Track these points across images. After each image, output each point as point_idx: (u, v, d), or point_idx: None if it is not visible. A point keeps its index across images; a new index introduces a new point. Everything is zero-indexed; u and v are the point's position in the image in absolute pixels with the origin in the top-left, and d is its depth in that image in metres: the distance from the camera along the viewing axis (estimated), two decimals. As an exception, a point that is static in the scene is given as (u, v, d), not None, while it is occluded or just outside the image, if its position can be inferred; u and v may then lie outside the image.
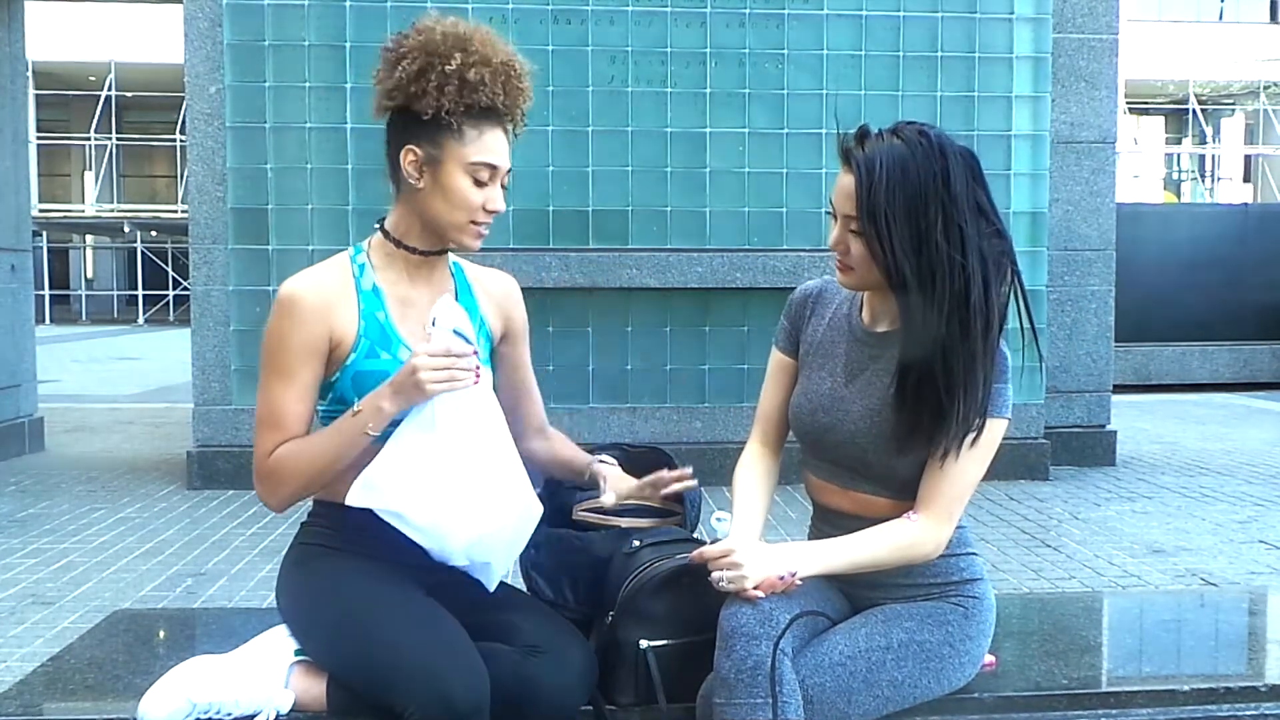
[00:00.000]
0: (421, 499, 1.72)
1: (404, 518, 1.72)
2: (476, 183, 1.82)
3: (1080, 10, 6.37)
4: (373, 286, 1.86)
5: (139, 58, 24.02)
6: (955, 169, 1.69)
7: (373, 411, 1.73)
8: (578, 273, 5.66)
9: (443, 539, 1.75)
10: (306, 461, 1.78)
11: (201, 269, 5.81)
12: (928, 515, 1.76)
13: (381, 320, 1.84)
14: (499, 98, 1.81)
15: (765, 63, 5.92)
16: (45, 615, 3.74)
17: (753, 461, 1.97)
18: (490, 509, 1.77)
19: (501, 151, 1.84)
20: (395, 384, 1.72)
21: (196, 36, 5.76)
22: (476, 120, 1.81)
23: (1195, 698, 1.89)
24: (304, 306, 1.79)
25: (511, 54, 1.85)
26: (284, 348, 1.79)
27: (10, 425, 6.90)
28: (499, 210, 1.85)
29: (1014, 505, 5.46)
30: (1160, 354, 11.27)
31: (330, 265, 1.88)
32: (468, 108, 1.79)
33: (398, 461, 1.72)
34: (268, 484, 1.82)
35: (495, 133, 1.83)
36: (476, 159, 1.81)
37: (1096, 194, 6.50)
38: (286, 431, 1.80)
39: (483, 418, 1.78)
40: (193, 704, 1.72)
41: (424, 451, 1.72)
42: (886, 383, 1.77)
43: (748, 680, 1.62)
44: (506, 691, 1.68)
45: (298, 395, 1.80)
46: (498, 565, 1.83)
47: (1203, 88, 26.76)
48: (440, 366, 1.69)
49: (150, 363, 15.63)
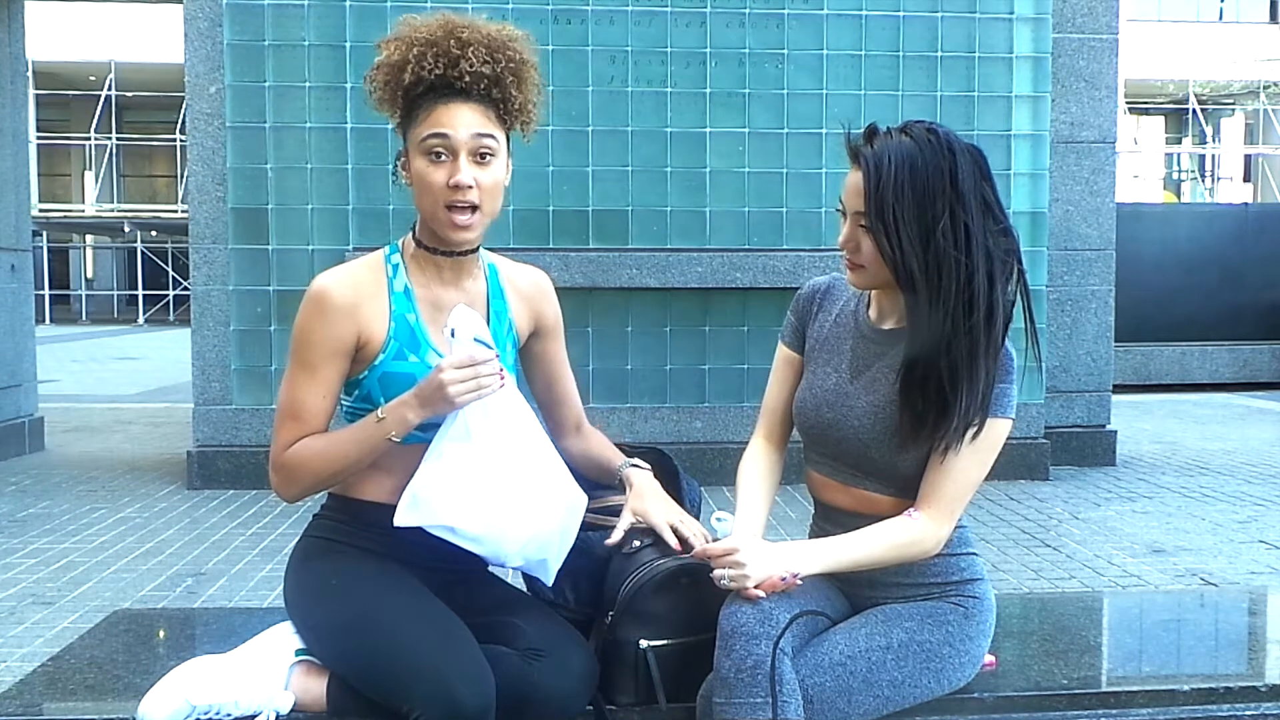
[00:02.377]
0: (470, 510, 1.73)
1: (456, 530, 1.73)
2: (434, 162, 1.76)
3: (1080, 10, 6.38)
4: (405, 288, 1.85)
5: (139, 58, 24.03)
6: (963, 166, 1.70)
7: (397, 420, 1.73)
8: (578, 273, 5.66)
9: (497, 544, 1.76)
10: (324, 460, 1.78)
11: (201, 269, 5.81)
12: (928, 513, 1.76)
13: (412, 323, 1.83)
14: (430, 70, 1.75)
15: (765, 63, 5.92)
16: (45, 615, 3.74)
17: (756, 457, 1.98)
18: (538, 507, 1.78)
19: (452, 120, 1.75)
20: (422, 396, 1.72)
21: (196, 36, 5.76)
22: (423, 100, 1.78)
23: (1195, 698, 1.89)
24: (334, 304, 1.78)
25: (463, 24, 1.78)
26: (311, 343, 1.78)
27: (10, 425, 6.90)
28: (466, 183, 1.75)
29: (1014, 505, 5.46)
30: (1160, 354, 11.27)
31: (365, 263, 1.87)
32: (406, 92, 1.78)
33: (440, 476, 1.73)
34: (283, 476, 1.81)
35: (446, 106, 1.76)
36: (423, 135, 1.77)
37: (1096, 194, 6.50)
38: (306, 426, 1.79)
39: (515, 419, 1.79)
40: (192, 705, 1.72)
41: (464, 462, 1.73)
42: (892, 380, 1.77)
43: (747, 680, 1.62)
44: (508, 694, 1.68)
45: (320, 391, 1.79)
46: (553, 560, 1.85)
47: (1203, 88, 26.77)
48: (466, 377, 1.69)
49: (150, 363, 15.62)
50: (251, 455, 5.73)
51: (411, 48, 1.76)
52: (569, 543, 1.86)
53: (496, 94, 1.80)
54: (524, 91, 1.84)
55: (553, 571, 1.86)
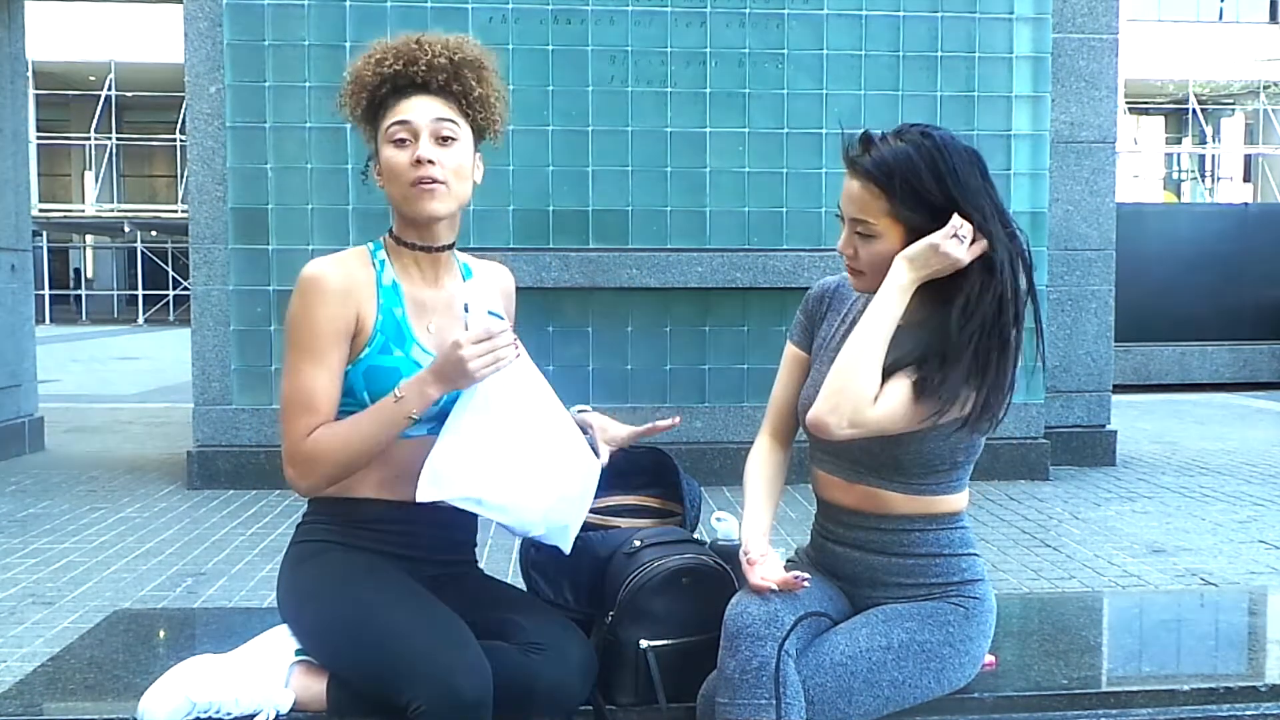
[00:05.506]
0: (493, 480, 1.75)
1: (481, 501, 1.75)
2: (398, 146, 1.83)
3: (1080, 10, 6.38)
4: (392, 283, 1.87)
5: (139, 58, 24.03)
6: (961, 169, 1.71)
7: (417, 396, 1.75)
8: (578, 273, 5.66)
9: (521, 512, 1.78)
10: (346, 445, 1.77)
11: (201, 269, 5.81)
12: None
13: (398, 317, 1.85)
14: (390, 65, 1.85)
15: (765, 63, 5.92)
16: (45, 615, 3.74)
17: (763, 456, 1.98)
18: (559, 473, 1.81)
19: (413, 109, 1.84)
20: (440, 372, 1.74)
21: (196, 36, 5.76)
22: (386, 100, 1.86)
23: (1195, 698, 1.90)
24: (331, 287, 1.80)
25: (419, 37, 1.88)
26: (314, 329, 1.79)
27: (10, 425, 6.90)
28: (429, 159, 1.82)
29: (1014, 505, 5.46)
30: (1160, 354, 11.27)
31: (351, 254, 1.90)
32: (370, 98, 1.87)
33: (460, 449, 1.74)
34: (304, 467, 1.79)
35: (406, 100, 1.85)
36: (387, 124, 1.85)
37: (1096, 194, 6.50)
38: (320, 414, 1.79)
39: (530, 388, 1.82)
40: (193, 703, 1.72)
41: (483, 434, 1.75)
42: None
43: (752, 681, 1.62)
44: (507, 688, 1.69)
45: (329, 377, 1.80)
46: (574, 526, 1.87)
47: (1203, 88, 26.77)
48: (484, 351, 1.72)
49: (150, 363, 15.63)
50: (252, 455, 5.73)
51: (372, 56, 1.87)
52: (586, 508, 1.89)
53: (456, 88, 1.88)
54: (483, 86, 1.90)
55: (571, 538, 1.88)
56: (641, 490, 2.11)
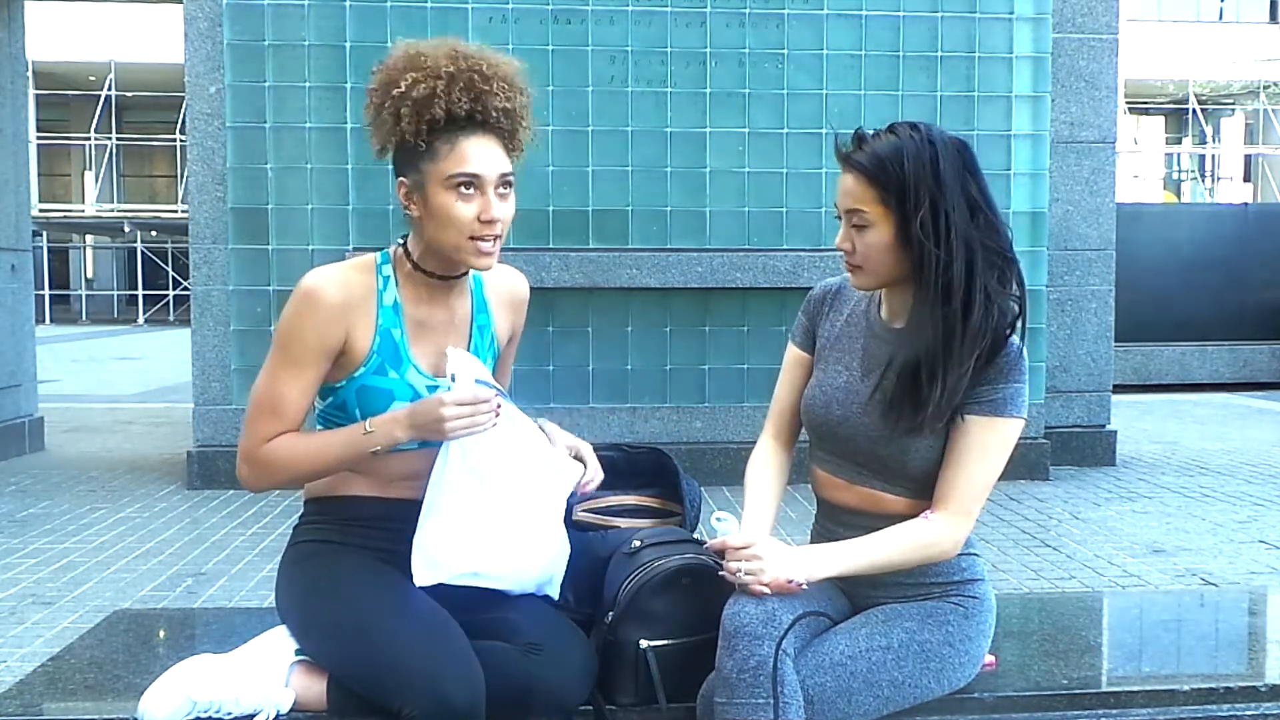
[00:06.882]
0: (487, 552, 1.78)
1: (479, 575, 1.78)
2: (462, 197, 1.77)
3: (1080, 10, 6.38)
4: (394, 302, 1.84)
5: (139, 58, 24.00)
6: (945, 157, 1.71)
7: (384, 436, 1.76)
8: (578, 273, 5.66)
9: (519, 577, 1.82)
10: (302, 461, 1.79)
11: (201, 269, 5.81)
12: (944, 514, 1.76)
13: (396, 339, 1.83)
14: (460, 105, 1.75)
15: (765, 63, 5.92)
16: (45, 615, 3.74)
17: (765, 457, 1.98)
18: (546, 531, 1.84)
19: (482, 158, 1.77)
20: (416, 421, 1.74)
21: (196, 36, 5.76)
22: (447, 134, 1.76)
23: (1195, 698, 1.90)
24: (326, 304, 1.78)
25: (477, 57, 1.79)
26: (300, 340, 1.79)
27: (10, 425, 6.90)
28: (497, 218, 1.77)
29: (1014, 505, 5.46)
30: (1160, 354, 11.26)
31: (356, 267, 1.86)
32: (430, 125, 1.75)
33: (448, 528, 1.76)
34: (256, 469, 1.81)
35: (472, 141, 1.77)
36: (452, 173, 1.76)
37: (1096, 194, 6.50)
38: (285, 422, 1.79)
39: (512, 449, 1.81)
40: (193, 702, 1.72)
41: (469, 506, 1.77)
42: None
43: (750, 680, 1.62)
44: (507, 688, 1.69)
45: (302, 389, 1.80)
46: (558, 577, 1.89)
47: (1203, 88, 26.75)
48: (464, 414, 1.72)
49: (150, 363, 15.62)
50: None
51: (437, 81, 1.75)
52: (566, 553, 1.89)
53: (508, 125, 1.82)
54: (528, 124, 1.86)
55: (558, 585, 1.90)
56: (641, 490, 2.12)
